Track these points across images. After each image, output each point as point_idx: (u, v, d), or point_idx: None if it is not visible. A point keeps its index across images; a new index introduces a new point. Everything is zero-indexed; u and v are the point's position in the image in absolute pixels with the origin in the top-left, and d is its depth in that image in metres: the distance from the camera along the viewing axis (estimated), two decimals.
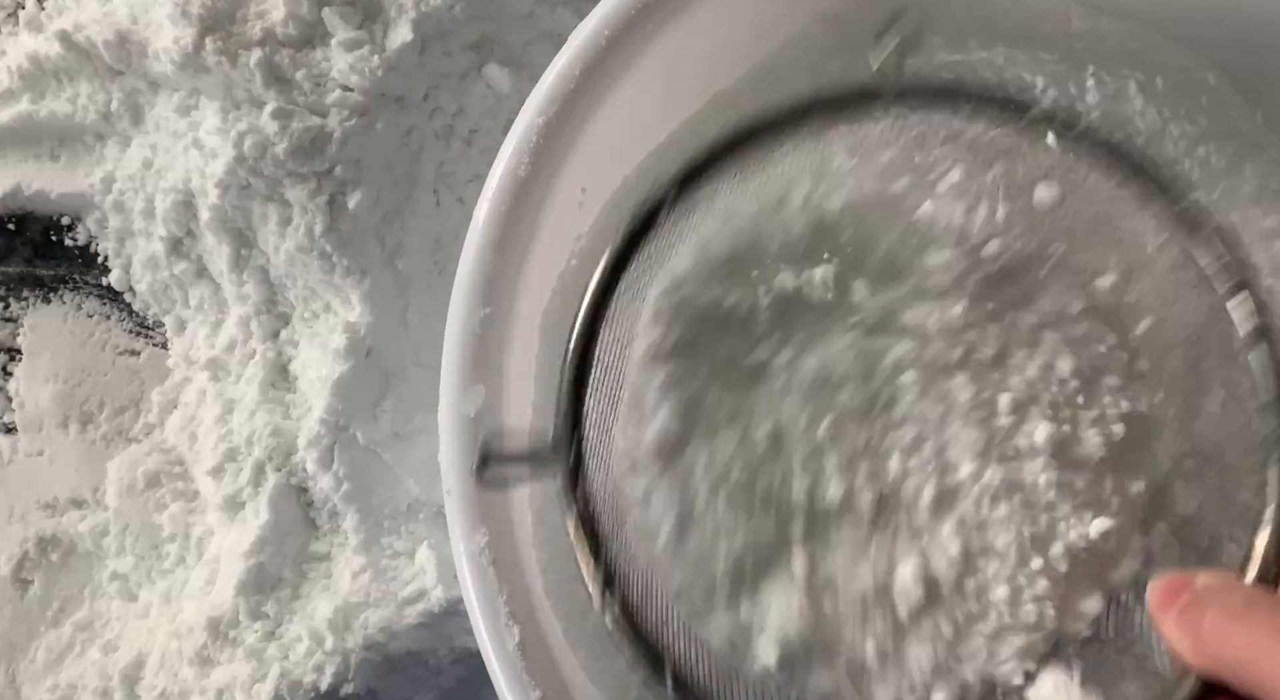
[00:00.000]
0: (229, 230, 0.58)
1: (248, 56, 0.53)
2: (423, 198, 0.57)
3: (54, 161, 0.65)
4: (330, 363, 0.56)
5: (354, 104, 0.54)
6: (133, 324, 0.66)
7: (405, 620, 0.55)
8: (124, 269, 0.64)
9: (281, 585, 0.58)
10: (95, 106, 0.61)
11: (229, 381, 0.61)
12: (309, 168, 0.54)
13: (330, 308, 0.58)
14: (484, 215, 0.39)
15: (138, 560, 0.62)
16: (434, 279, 0.57)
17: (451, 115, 0.57)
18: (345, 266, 0.55)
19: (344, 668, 0.55)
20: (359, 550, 0.57)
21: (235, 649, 0.57)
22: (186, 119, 0.58)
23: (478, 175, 0.57)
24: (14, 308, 0.67)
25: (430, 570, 0.56)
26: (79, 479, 0.65)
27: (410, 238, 0.57)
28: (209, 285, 0.62)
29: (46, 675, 0.62)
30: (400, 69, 0.54)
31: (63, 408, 0.65)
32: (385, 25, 0.54)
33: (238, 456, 0.59)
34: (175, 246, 0.62)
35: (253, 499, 0.58)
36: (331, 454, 0.57)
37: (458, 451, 0.38)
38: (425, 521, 0.58)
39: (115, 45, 0.58)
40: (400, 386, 0.58)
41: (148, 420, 0.64)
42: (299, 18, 0.54)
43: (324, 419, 0.56)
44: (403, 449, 0.58)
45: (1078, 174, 0.33)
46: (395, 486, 0.58)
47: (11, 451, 0.66)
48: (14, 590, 0.64)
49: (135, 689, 0.60)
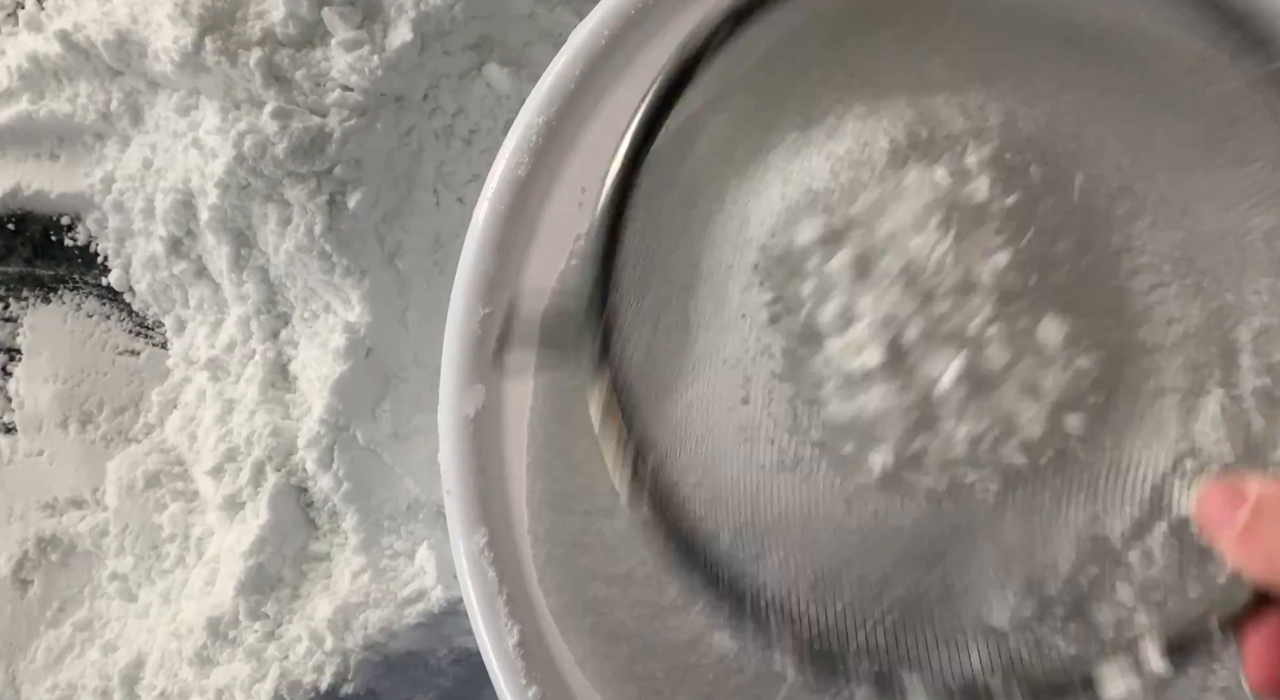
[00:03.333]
0: (229, 230, 0.58)
1: (247, 56, 0.53)
2: (422, 197, 0.57)
3: (54, 161, 0.65)
4: (330, 363, 0.56)
5: (354, 104, 0.54)
6: (132, 324, 0.66)
7: (405, 620, 0.55)
8: (124, 269, 0.64)
9: (281, 585, 0.58)
10: (95, 106, 0.61)
11: (229, 381, 0.61)
12: (309, 167, 0.54)
13: (330, 308, 0.58)
14: (484, 215, 0.39)
15: (137, 560, 0.62)
16: (434, 279, 0.57)
17: (451, 115, 0.57)
18: (345, 266, 0.55)
19: (344, 668, 0.55)
20: (359, 550, 0.57)
21: (235, 649, 0.57)
22: (186, 119, 0.58)
23: (478, 175, 0.57)
24: (14, 308, 0.67)
25: (430, 570, 0.56)
26: (79, 479, 0.65)
27: (410, 238, 0.57)
28: (209, 285, 0.62)
29: (46, 675, 0.62)
30: (400, 69, 0.54)
31: (62, 408, 0.65)
32: (385, 25, 0.54)
33: (237, 456, 0.59)
34: (175, 246, 0.62)
35: (252, 499, 0.58)
36: (331, 454, 0.57)
37: (458, 451, 0.38)
38: (425, 521, 0.58)
39: (115, 45, 0.58)
40: (400, 386, 0.58)
41: (147, 420, 0.64)
42: (299, 17, 0.54)
43: (324, 419, 0.56)
44: (403, 449, 0.58)
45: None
46: (395, 486, 0.58)
47: (11, 451, 0.66)
48: (14, 590, 0.64)
49: (135, 689, 0.60)
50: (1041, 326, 0.33)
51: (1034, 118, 0.36)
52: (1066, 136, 0.36)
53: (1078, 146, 0.36)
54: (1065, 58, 0.35)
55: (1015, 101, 0.36)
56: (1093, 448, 0.34)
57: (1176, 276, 0.35)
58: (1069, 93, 0.36)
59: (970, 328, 0.32)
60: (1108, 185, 0.35)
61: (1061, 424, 0.33)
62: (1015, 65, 0.36)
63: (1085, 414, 0.33)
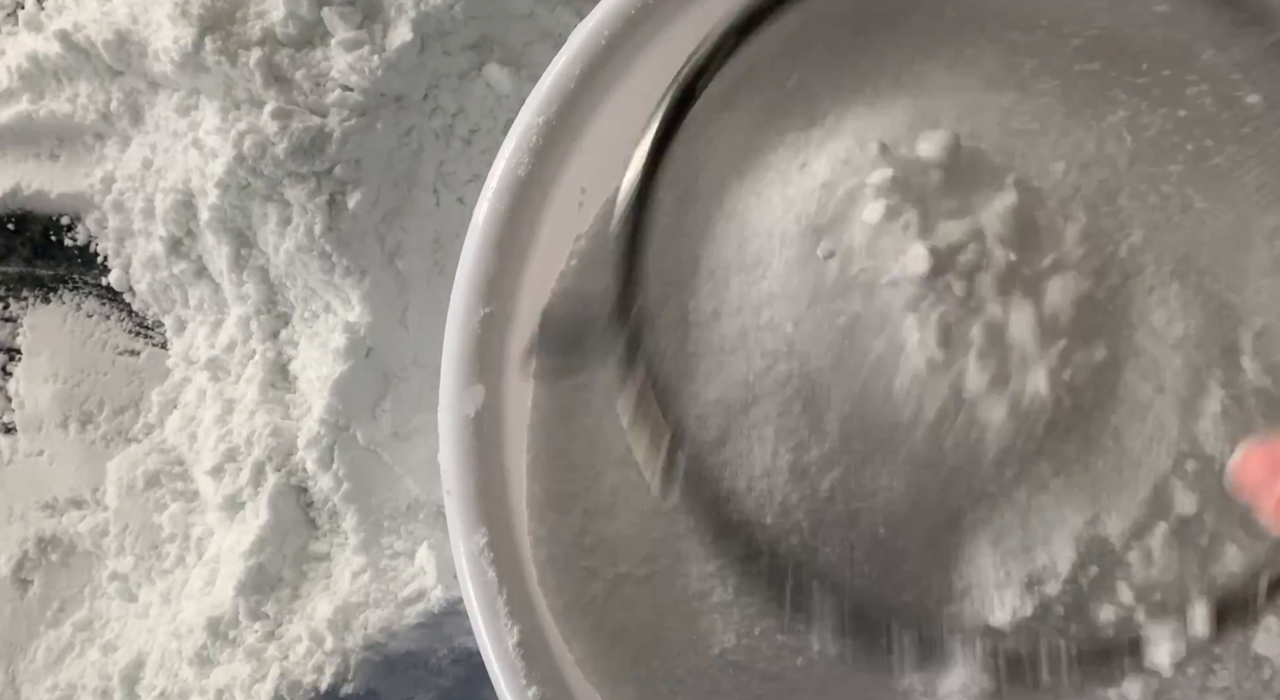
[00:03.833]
0: (229, 230, 0.58)
1: (247, 56, 0.53)
2: (422, 197, 0.57)
3: (53, 161, 0.65)
4: (330, 363, 0.56)
5: (354, 104, 0.54)
6: (132, 324, 0.66)
7: (405, 620, 0.55)
8: (124, 269, 0.64)
9: (281, 585, 0.58)
10: (95, 106, 0.61)
11: (229, 381, 0.61)
12: (309, 167, 0.54)
13: (330, 308, 0.58)
14: (484, 215, 0.39)
15: (137, 560, 0.62)
16: (434, 279, 0.57)
17: (451, 115, 0.57)
18: (345, 266, 0.55)
19: (344, 668, 0.55)
20: (359, 550, 0.57)
21: (235, 649, 0.57)
22: (186, 119, 0.58)
23: (478, 175, 0.57)
24: (14, 308, 0.67)
25: (430, 570, 0.56)
26: (79, 479, 0.65)
27: (410, 238, 0.57)
28: (209, 285, 0.62)
29: (46, 675, 0.62)
30: (400, 69, 0.54)
31: (62, 408, 0.65)
32: (385, 25, 0.54)
33: (237, 456, 0.59)
34: (175, 246, 0.62)
35: (253, 499, 0.58)
36: (331, 454, 0.57)
37: (458, 451, 0.38)
38: (425, 521, 0.58)
39: (115, 45, 0.58)
40: (400, 386, 0.58)
41: (147, 420, 0.64)
42: (299, 17, 0.54)
43: (324, 419, 0.56)
44: (403, 449, 0.58)
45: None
46: (395, 486, 0.58)
47: (11, 451, 0.66)
48: (14, 590, 0.64)
49: (135, 689, 0.60)
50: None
51: (1033, 118, 0.36)
52: (1066, 136, 0.36)
53: (1077, 146, 0.36)
54: (1065, 58, 0.35)
55: (1014, 101, 0.36)
56: (1093, 447, 0.34)
57: (1176, 276, 0.35)
58: (1068, 92, 0.36)
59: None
60: (1108, 185, 0.35)
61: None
62: (1014, 65, 0.36)
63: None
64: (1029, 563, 0.35)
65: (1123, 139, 0.36)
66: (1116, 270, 0.35)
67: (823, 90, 0.37)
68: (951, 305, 0.33)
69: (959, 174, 0.35)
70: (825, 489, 0.34)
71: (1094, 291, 0.34)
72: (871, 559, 0.34)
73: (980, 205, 0.34)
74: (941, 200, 0.34)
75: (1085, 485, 0.35)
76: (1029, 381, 0.33)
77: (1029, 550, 0.35)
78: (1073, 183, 0.35)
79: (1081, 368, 0.33)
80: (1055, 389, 0.33)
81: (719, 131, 0.36)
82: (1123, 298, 0.35)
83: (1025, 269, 0.33)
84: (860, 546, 0.34)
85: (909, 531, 0.35)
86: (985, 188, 0.35)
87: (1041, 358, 0.33)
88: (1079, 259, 0.34)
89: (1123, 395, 0.35)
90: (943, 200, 0.34)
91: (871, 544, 0.34)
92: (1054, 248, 0.34)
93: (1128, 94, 0.35)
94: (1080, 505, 0.34)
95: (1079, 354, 0.33)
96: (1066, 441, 0.34)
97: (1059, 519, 0.35)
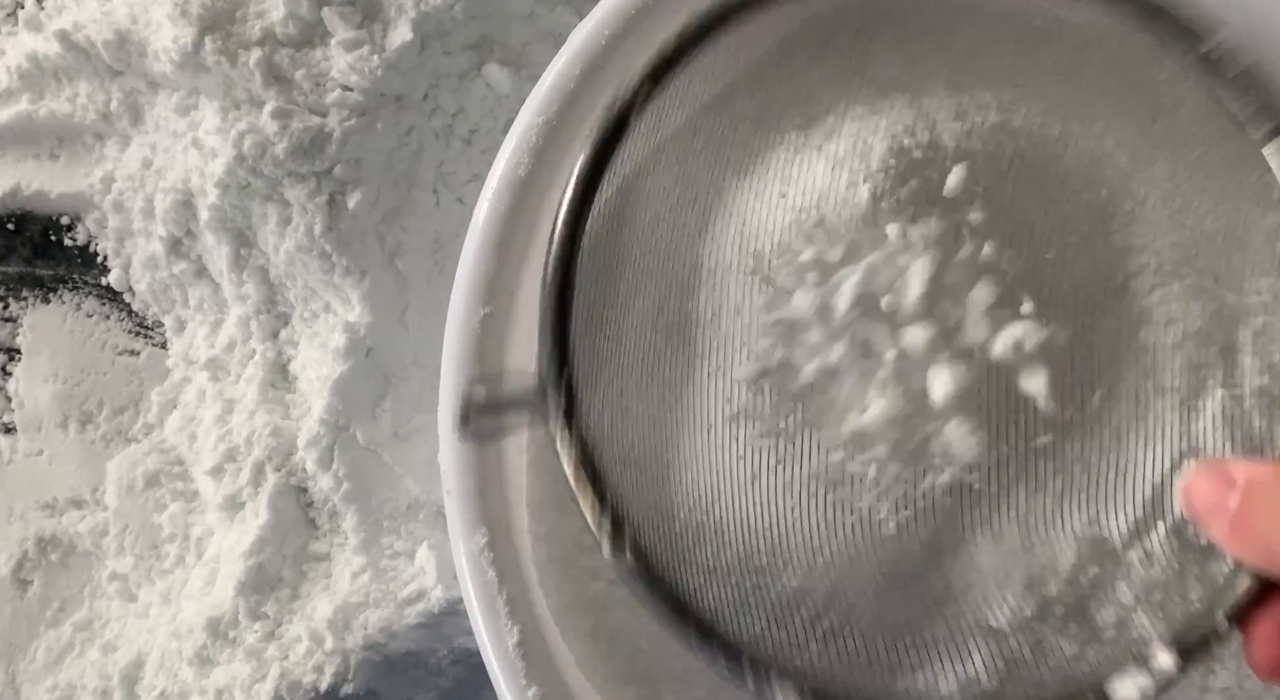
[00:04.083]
0: (229, 230, 0.58)
1: (247, 56, 0.53)
2: (422, 197, 0.57)
3: (53, 161, 0.65)
4: (330, 363, 0.56)
5: (354, 104, 0.54)
6: (132, 324, 0.66)
7: (405, 620, 0.55)
8: (123, 269, 0.64)
9: (281, 585, 0.58)
10: (95, 106, 0.61)
11: (228, 381, 0.61)
12: (309, 167, 0.54)
13: (330, 308, 0.58)
14: (484, 215, 0.39)
15: (137, 560, 0.62)
16: (434, 279, 0.57)
17: (451, 115, 0.57)
18: (345, 266, 0.55)
19: (344, 668, 0.55)
20: (359, 550, 0.57)
21: (235, 649, 0.57)
22: (186, 119, 0.58)
23: (478, 175, 0.57)
24: (14, 308, 0.67)
25: (430, 570, 0.56)
26: (78, 479, 0.65)
27: (410, 238, 0.57)
28: (209, 285, 0.62)
29: (46, 675, 0.62)
30: (400, 69, 0.54)
31: (62, 408, 0.65)
32: (385, 25, 0.54)
33: (237, 456, 0.59)
34: (175, 246, 0.62)
35: (252, 499, 0.58)
36: (331, 454, 0.57)
37: (458, 451, 0.38)
38: (425, 521, 0.58)
39: (115, 45, 0.58)
40: (400, 386, 0.58)
41: (147, 420, 0.64)
42: (299, 17, 0.54)
43: (324, 419, 0.56)
44: (403, 449, 0.58)
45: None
46: (395, 486, 0.58)
47: (11, 451, 0.66)
48: (14, 590, 0.64)
49: (135, 689, 0.60)
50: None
51: (1032, 117, 0.36)
52: (1065, 136, 0.36)
53: (1077, 146, 0.36)
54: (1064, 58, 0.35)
55: (1013, 101, 0.36)
56: (1093, 447, 0.34)
57: (1176, 276, 0.35)
58: (1067, 92, 0.36)
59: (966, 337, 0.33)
60: (1108, 185, 0.35)
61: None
62: (1013, 65, 0.36)
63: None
64: (1029, 563, 0.35)
65: (1123, 138, 0.36)
66: (1117, 270, 0.35)
67: (823, 90, 0.37)
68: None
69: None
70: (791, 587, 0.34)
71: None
72: (843, 635, 0.34)
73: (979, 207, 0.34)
74: (937, 202, 0.34)
75: (1085, 485, 0.35)
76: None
77: (1029, 550, 0.35)
78: (1073, 183, 0.35)
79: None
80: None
81: (717, 132, 0.36)
82: (1123, 297, 0.35)
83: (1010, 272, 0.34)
84: (833, 627, 0.34)
85: (883, 618, 0.34)
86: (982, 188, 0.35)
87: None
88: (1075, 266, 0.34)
89: (1123, 395, 0.35)
90: (938, 202, 0.34)
91: (845, 622, 0.34)
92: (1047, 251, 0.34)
93: (1128, 94, 0.35)
94: (1080, 505, 0.34)
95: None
96: (1066, 441, 0.35)
97: (1059, 519, 0.35)
